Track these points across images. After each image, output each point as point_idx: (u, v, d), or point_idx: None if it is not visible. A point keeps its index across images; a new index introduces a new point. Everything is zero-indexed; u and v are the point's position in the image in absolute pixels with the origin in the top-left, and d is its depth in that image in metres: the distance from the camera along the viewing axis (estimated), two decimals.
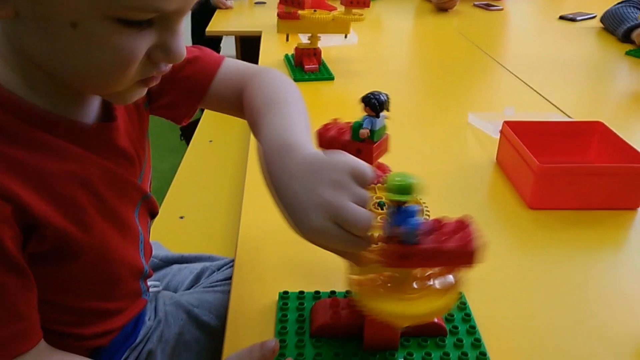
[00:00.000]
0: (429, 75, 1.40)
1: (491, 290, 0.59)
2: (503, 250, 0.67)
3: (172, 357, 0.61)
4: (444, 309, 0.43)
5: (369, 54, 1.52)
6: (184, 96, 0.60)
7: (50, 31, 0.40)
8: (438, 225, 0.43)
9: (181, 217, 1.04)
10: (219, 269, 0.73)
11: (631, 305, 0.58)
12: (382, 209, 0.45)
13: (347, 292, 0.55)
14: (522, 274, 0.62)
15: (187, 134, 1.84)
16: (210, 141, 1.35)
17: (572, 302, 0.58)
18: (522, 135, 0.79)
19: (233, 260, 0.64)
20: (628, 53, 1.48)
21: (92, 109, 0.50)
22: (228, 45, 2.45)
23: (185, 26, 0.58)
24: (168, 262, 0.77)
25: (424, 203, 0.48)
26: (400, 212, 0.40)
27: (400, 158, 0.89)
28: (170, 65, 0.46)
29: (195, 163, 1.26)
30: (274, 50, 1.50)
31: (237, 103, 0.60)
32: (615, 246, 0.69)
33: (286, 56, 1.40)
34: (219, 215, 1.01)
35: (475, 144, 0.96)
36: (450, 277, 0.45)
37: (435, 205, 0.48)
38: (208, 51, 0.63)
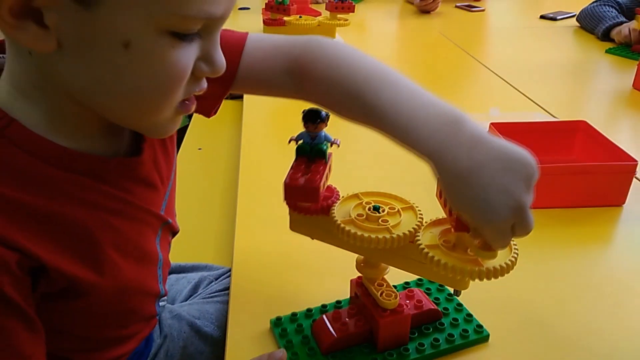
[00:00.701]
0: (413, 77, 1.38)
1: (481, 288, 0.60)
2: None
3: None
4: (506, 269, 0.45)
5: None
6: (212, 82, 0.51)
7: (97, 58, 0.37)
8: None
9: None
10: (217, 279, 0.73)
11: (618, 299, 0.59)
12: (378, 212, 0.48)
13: (338, 302, 0.56)
14: (510, 272, 0.64)
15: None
16: (200, 149, 1.35)
17: (560, 297, 0.60)
18: (509, 136, 0.80)
19: (231, 270, 0.65)
20: (608, 51, 1.51)
21: (120, 142, 0.48)
22: None
23: None
24: None
25: (419, 209, 0.49)
26: None
27: (385, 162, 0.90)
28: (206, 82, 0.44)
29: (185, 172, 1.25)
30: None
31: (282, 80, 0.53)
32: (602, 242, 0.71)
33: None
34: (212, 225, 1.01)
35: None
36: None
37: (425, 209, 0.49)
38: (229, 31, 0.53)
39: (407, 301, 0.53)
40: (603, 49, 1.54)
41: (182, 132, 1.51)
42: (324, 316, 0.52)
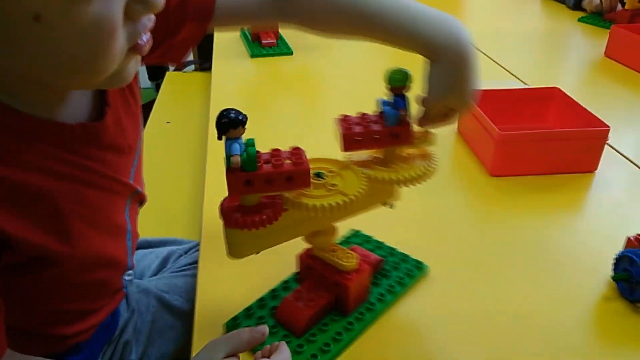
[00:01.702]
0: (388, 47, 1.39)
1: (450, 253, 0.60)
2: (465, 217, 0.68)
3: (147, 346, 0.60)
4: (424, 175, 0.51)
5: None
6: (188, 22, 0.49)
7: (17, 38, 0.35)
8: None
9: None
10: (185, 253, 0.71)
11: (589, 265, 0.59)
12: (320, 178, 0.47)
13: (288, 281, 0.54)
14: (482, 238, 0.63)
15: (143, 115, 1.78)
16: (168, 122, 1.31)
17: (531, 263, 0.59)
18: (482, 104, 0.79)
19: (199, 244, 0.63)
20: (581, 20, 1.51)
21: (80, 107, 0.46)
22: None
23: None
24: None
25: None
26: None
27: (286, 133, 0.88)
28: (153, 18, 0.41)
29: (153, 145, 1.21)
30: None
31: (264, 4, 0.52)
32: (574, 208, 0.71)
33: (242, 31, 1.36)
34: (180, 199, 0.98)
35: None
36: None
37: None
38: None
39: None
40: (575, 17, 1.54)
41: (149, 106, 1.47)
42: (287, 299, 0.49)
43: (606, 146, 0.76)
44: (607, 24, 1.42)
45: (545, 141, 0.73)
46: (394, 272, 0.56)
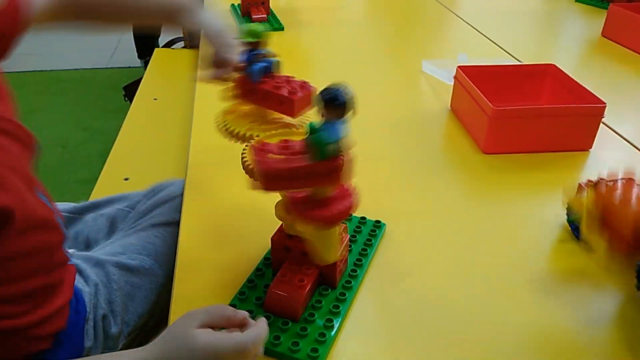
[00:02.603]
0: (382, 24, 1.36)
1: (441, 230, 0.58)
2: (458, 193, 0.66)
3: (124, 313, 0.57)
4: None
5: (319, 3, 1.46)
6: None
7: None
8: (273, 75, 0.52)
9: (126, 179, 0.98)
10: (132, 209, 0.69)
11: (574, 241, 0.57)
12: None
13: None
14: (473, 215, 0.61)
15: (130, 93, 1.74)
16: (155, 99, 1.28)
17: (523, 239, 0.58)
18: (476, 80, 0.77)
19: (148, 194, 0.64)
20: (578, 0, 1.48)
21: None
22: None
23: None
24: (79, 212, 0.72)
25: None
26: (252, 53, 0.49)
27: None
28: None
29: (139, 122, 1.19)
30: (219, 0, 1.42)
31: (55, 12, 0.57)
32: (564, 186, 0.69)
33: (232, 6, 1.32)
34: (165, 175, 0.95)
35: (429, 91, 0.94)
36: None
37: (391, 152, 0.46)
38: None
39: None
40: None
41: (137, 84, 1.44)
42: (273, 288, 0.46)
43: (602, 125, 0.74)
44: (605, 3, 1.40)
45: (540, 117, 0.71)
46: (361, 237, 0.55)
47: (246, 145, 0.44)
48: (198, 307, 0.47)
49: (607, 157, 0.73)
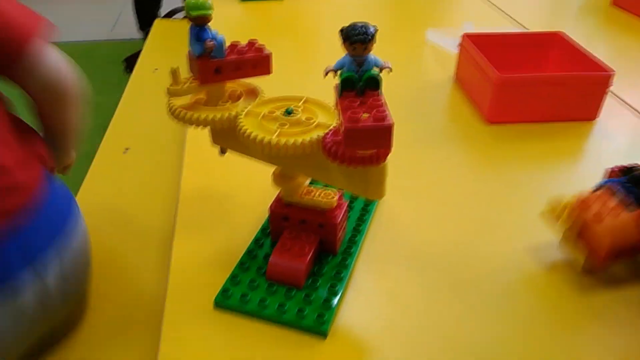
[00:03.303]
0: None
1: (444, 202, 0.57)
2: (462, 164, 0.65)
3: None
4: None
5: None
6: None
7: None
8: (234, 45, 0.47)
9: (126, 150, 0.97)
10: None
11: None
12: (289, 114, 0.44)
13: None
14: (477, 186, 0.60)
15: (131, 66, 1.72)
16: (156, 69, 1.26)
17: (529, 211, 0.57)
18: (482, 48, 0.75)
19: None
20: None
21: None
22: None
23: None
24: None
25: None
26: (205, 29, 0.44)
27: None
28: None
29: (139, 93, 1.18)
30: None
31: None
32: (572, 157, 0.68)
33: None
34: (165, 146, 0.94)
35: (433, 61, 0.92)
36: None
37: (395, 123, 0.44)
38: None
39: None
40: None
41: (137, 55, 1.42)
42: (275, 257, 0.45)
43: (609, 95, 0.72)
44: None
45: (546, 85, 0.69)
46: (356, 204, 0.55)
47: (242, 125, 0.42)
48: (197, 278, 0.47)
49: (614, 127, 0.72)
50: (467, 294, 0.46)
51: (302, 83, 0.82)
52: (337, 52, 0.39)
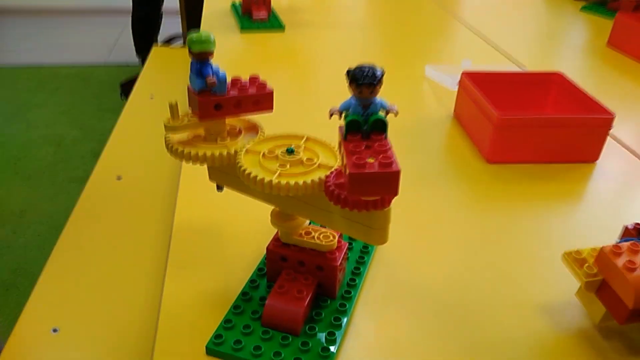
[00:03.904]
0: (384, 27, 1.34)
1: (442, 239, 0.56)
2: (462, 203, 0.64)
3: None
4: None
5: (321, 4, 1.45)
6: None
7: None
8: (235, 81, 0.46)
9: (118, 178, 0.96)
10: None
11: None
12: (290, 154, 0.42)
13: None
14: (477, 227, 0.59)
15: (127, 91, 1.72)
16: (152, 97, 1.25)
17: (527, 252, 0.55)
18: (481, 87, 0.75)
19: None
20: (583, 9, 1.47)
21: None
22: None
23: None
24: None
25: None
26: (207, 64, 0.43)
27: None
28: None
29: (134, 120, 1.17)
30: None
31: None
32: (573, 199, 0.67)
33: (233, 4, 1.30)
34: (159, 175, 0.93)
35: (432, 97, 0.92)
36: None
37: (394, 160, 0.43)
38: None
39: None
40: (578, 6, 1.49)
41: (134, 80, 1.41)
42: (271, 301, 0.43)
43: (609, 137, 0.72)
44: (610, 13, 1.38)
45: (547, 127, 0.69)
46: (355, 245, 0.53)
47: (240, 162, 0.41)
48: (188, 320, 0.45)
49: (614, 170, 0.71)
50: (471, 343, 0.44)
51: (302, 117, 0.81)
52: (338, 86, 0.38)
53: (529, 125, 0.69)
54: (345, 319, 0.44)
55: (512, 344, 0.45)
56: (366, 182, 0.34)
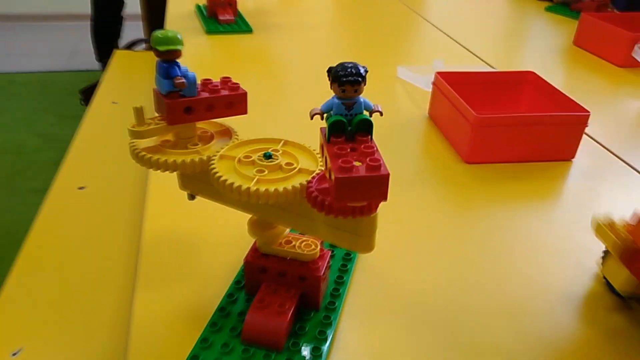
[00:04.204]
0: (353, 29, 1.33)
1: (427, 244, 0.54)
2: (440, 206, 0.62)
3: None
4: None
5: (288, 6, 1.42)
6: None
7: None
8: (206, 82, 0.43)
9: (81, 188, 0.91)
10: None
11: (564, 256, 0.54)
12: (268, 159, 0.40)
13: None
14: (456, 229, 0.58)
15: (87, 98, 1.66)
16: (114, 102, 1.20)
17: (504, 252, 0.54)
18: (455, 87, 0.74)
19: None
20: (548, 9, 1.49)
21: None
22: None
23: None
24: None
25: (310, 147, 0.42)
26: (174, 65, 0.40)
27: None
28: None
29: (96, 127, 1.12)
30: (184, 0, 1.35)
31: None
32: (554, 197, 0.66)
33: (198, 6, 1.26)
34: (125, 184, 0.89)
35: (406, 98, 0.91)
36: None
37: None
38: None
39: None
40: (542, 7, 1.51)
41: (94, 86, 1.36)
42: (251, 316, 0.40)
43: (584, 134, 0.72)
44: (575, 13, 1.41)
45: (524, 125, 0.68)
46: (337, 252, 0.51)
47: (214, 166, 0.38)
48: (161, 340, 0.41)
49: (590, 167, 0.71)
50: (461, 351, 0.43)
51: (274, 120, 0.78)
52: (310, 88, 0.36)
53: (507, 124, 0.68)
54: (330, 332, 0.42)
55: (503, 350, 0.43)
56: (354, 187, 0.32)
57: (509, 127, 0.68)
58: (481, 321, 0.46)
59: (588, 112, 0.69)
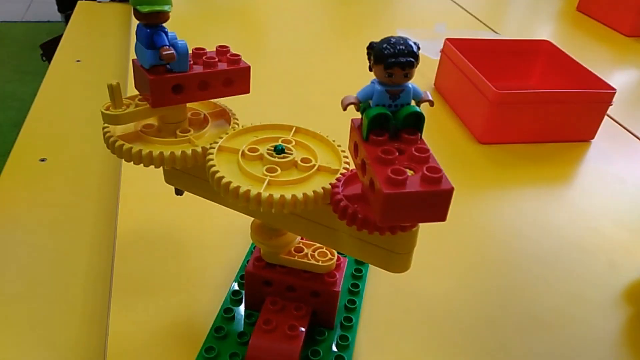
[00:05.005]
0: None
1: (441, 237, 0.48)
2: (456, 194, 0.55)
3: None
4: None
5: None
6: None
7: None
8: (198, 52, 0.34)
9: (42, 160, 0.81)
10: None
11: (581, 239, 0.49)
12: (280, 153, 0.31)
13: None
14: (470, 212, 0.51)
15: (49, 53, 1.51)
16: (78, 60, 1.08)
17: (524, 236, 0.49)
18: (466, 53, 0.67)
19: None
20: None
21: None
22: None
23: None
24: None
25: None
26: (160, 31, 0.30)
27: (327, 84, 0.74)
28: None
29: (58, 88, 1.00)
30: None
31: None
32: (566, 181, 0.60)
33: None
34: (89, 155, 0.79)
35: None
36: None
37: None
38: None
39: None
40: None
41: (56, 40, 1.23)
42: (257, 338, 0.34)
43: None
44: None
45: (548, 103, 0.61)
46: (353, 264, 0.43)
47: (212, 164, 0.30)
48: None
49: (609, 149, 0.65)
50: (476, 344, 0.37)
51: (273, 96, 0.69)
52: (301, 55, 0.28)
53: (529, 101, 0.61)
54: (349, 355, 0.35)
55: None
56: (406, 206, 0.24)
57: (530, 105, 0.61)
58: (507, 325, 0.40)
59: (614, 89, 0.63)
